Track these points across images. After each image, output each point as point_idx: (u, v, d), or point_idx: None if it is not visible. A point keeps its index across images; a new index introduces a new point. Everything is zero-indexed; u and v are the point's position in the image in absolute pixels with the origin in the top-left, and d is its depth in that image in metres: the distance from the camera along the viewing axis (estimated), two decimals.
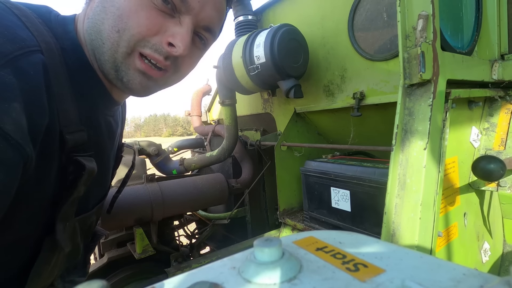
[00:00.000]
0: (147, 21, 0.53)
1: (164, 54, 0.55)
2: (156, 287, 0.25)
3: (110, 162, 0.76)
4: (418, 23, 0.57)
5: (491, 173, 0.63)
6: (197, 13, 0.56)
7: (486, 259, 0.84)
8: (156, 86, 0.61)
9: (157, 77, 0.58)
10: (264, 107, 1.78)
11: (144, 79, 0.58)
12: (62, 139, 0.52)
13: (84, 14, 0.58)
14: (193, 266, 1.37)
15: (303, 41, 1.36)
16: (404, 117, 0.62)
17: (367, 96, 1.20)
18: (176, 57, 0.57)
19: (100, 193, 0.76)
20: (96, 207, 0.71)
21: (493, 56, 0.84)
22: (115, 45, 0.53)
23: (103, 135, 0.67)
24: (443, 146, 0.60)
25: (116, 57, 0.55)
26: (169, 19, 0.55)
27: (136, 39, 0.53)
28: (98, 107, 0.64)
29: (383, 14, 1.11)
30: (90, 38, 0.56)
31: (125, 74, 0.56)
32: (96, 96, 0.62)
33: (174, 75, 0.62)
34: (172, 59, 0.57)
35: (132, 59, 0.55)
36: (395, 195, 0.60)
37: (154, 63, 0.56)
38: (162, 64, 0.56)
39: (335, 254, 0.27)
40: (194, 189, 1.52)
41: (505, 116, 0.80)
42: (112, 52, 0.54)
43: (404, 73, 0.61)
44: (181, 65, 0.61)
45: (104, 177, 0.75)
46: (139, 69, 0.56)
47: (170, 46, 0.55)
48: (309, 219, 1.30)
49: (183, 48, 0.55)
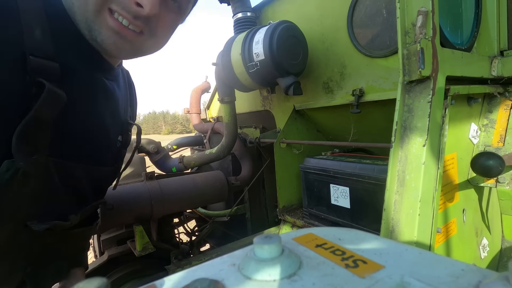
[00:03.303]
0: None
1: (133, 13, 0.56)
2: (157, 284, 0.25)
3: (106, 124, 0.73)
4: (418, 20, 0.57)
5: (490, 170, 0.64)
6: None
7: (485, 255, 0.84)
8: (132, 49, 0.61)
9: (131, 38, 0.59)
10: (263, 104, 1.78)
11: (118, 39, 0.58)
12: (24, 59, 0.51)
13: None
14: (193, 263, 1.37)
15: (302, 38, 1.35)
16: (403, 114, 0.62)
17: (366, 93, 1.20)
18: (147, 18, 0.58)
19: (94, 152, 0.70)
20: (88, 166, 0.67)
21: (492, 52, 0.83)
22: (84, 4, 0.55)
23: (93, 91, 0.66)
24: (442, 143, 0.60)
25: (87, 16, 0.56)
26: None
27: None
28: (88, 64, 0.64)
29: (383, 10, 1.10)
30: (64, 1, 0.57)
31: (99, 33, 0.57)
32: (81, 52, 0.61)
33: (150, 39, 0.62)
34: (143, 20, 0.58)
35: (103, 17, 0.56)
36: (394, 191, 0.60)
37: (126, 24, 0.57)
38: (133, 23, 0.57)
39: (335, 251, 0.27)
40: (193, 187, 1.52)
41: (504, 113, 0.80)
42: (82, 11, 0.56)
43: (403, 70, 0.61)
44: (155, 28, 0.61)
45: (97, 135, 0.70)
46: (112, 27, 0.57)
47: (137, 6, 0.55)
48: (309, 216, 1.31)
49: (150, 8, 0.55)
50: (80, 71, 0.62)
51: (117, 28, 0.57)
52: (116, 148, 0.79)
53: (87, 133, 0.65)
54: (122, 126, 0.81)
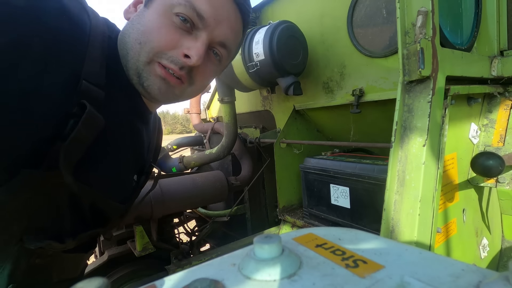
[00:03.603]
0: (166, 37, 0.61)
1: (180, 64, 0.62)
2: (157, 284, 0.25)
3: (128, 161, 0.76)
4: (418, 20, 0.57)
5: (490, 169, 0.64)
6: (213, 29, 0.64)
7: (485, 255, 0.84)
8: (174, 95, 0.68)
9: (174, 84, 0.65)
10: (263, 105, 1.78)
11: (163, 85, 0.64)
12: (78, 81, 0.56)
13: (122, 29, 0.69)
14: (193, 263, 1.37)
15: (302, 38, 1.35)
16: (403, 114, 0.62)
17: (366, 93, 1.20)
18: (191, 68, 0.64)
19: (110, 184, 0.72)
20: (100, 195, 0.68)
21: (492, 52, 0.83)
22: (137, 55, 0.62)
23: (125, 125, 0.71)
24: (442, 143, 0.60)
25: (138, 65, 0.63)
26: (187, 35, 0.62)
27: (155, 51, 0.61)
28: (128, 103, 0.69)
29: (383, 10, 1.10)
30: (119, 48, 0.65)
31: (146, 79, 0.64)
32: (125, 92, 0.67)
33: (190, 87, 0.68)
34: (186, 69, 0.64)
35: (152, 67, 0.63)
36: (394, 191, 0.60)
37: (172, 72, 0.63)
38: (177, 73, 0.63)
39: (335, 251, 0.27)
40: (193, 187, 1.52)
41: (504, 113, 0.80)
42: (134, 61, 0.63)
43: (403, 70, 0.61)
44: (195, 77, 0.68)
45: (117, 168, 0.72)
46: (159, 75, 0.63)
47: (185, 57, 0.62)
48: (309, 216, 1.31)
49: (197, 59, 0.62)
50: (119, 105, 0.67)
51: (163, 75, 0.63)
52: (131, 187, 0.82)
53: (109, 163, 0.68)
54: (143, 168, 0.84)
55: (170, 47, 0.62)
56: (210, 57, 0.68)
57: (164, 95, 0.66)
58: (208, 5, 0.62)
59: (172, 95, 0.67)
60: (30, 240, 0.58)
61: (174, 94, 0.67)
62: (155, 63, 0.62)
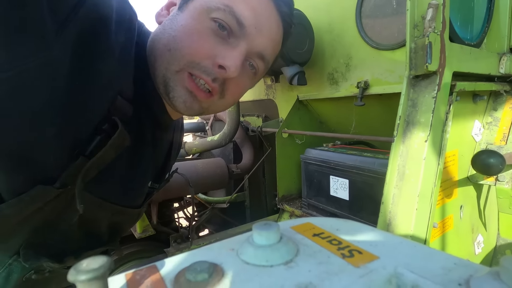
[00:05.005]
0: (199, 44, 0.55)
1: (213, 75, 0.57)
2: (157, 265, 0.26)
3: (147, 170, 0.73)
4: (428, 12, 0.56)
5: (490, 167, 0.64)
6: (253, 38, 0.57)
7: (479, 251, 0.85)
8: (200, 108, 0.61)
9: (201, 98, 0.59)
10: (266, 93, 1.77)
11: (189, 98, 0.58)
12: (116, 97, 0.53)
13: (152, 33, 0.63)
14: (192, 247, 1.40)
15: (309, 27, 1.33)
16: (407, 108, 0.61)
17: (371, 85, 1.19)
18: (224, 80, 0.59)
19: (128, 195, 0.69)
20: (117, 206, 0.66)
21: (502, 49, 0.82)
22: (165, 63, 0.56)
23: (146, 136, 0.66)
24: (444, 139, 0.60)
25: (166, 74, 0.57)
26: (223, 44, 0.56)
27: (187, 60, 0.55)
28: (152, 112, 0.65)
29: (392, 1, 1.08)
30: (148, 54, 0.60)
31: (172, 89, 0.58)
32: (149, 101, 0.63)
33: (219, 101, 0.63)
34: (219, 81, 0.58)
35: (182, 77, 0.57)
36: (393, 185, 0.61)
37: (203, 83, 0.57)
38: (210, 85, 0.57)
39: (331, 240, 0.28)
40: (194, 173, 1.53)
41: (509, 111, 0.80)
42: (162, 69, 0.57)
43: (410, 64, 0.61)
44: (227, 90, 0.61)
45: (136, 179, 0.70)
46: (186, 87, 0.57)
47: (220, 68, 0.56)
48: (307, 206, 1.32)
49: (233, 70, 0.56)
50: (143, 119, 0.63)
51: (191, 88, 0.57)
52: (146, 193, 0.79)
53: (128, 176, 0.65)
54: (160, 174, 0.82)
55: (204, 55, 0.55)
56: (246, 69, 0.62)
57: (189, 108, 0.60)
58: (250, 12, 0.56)
59: (198, 109, 0.61)
60: (28, 255, 0.55)
61: (200, 107, 0.61)
62: (185, 73, 0.56)
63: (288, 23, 0.65)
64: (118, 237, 0.80)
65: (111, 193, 0.63)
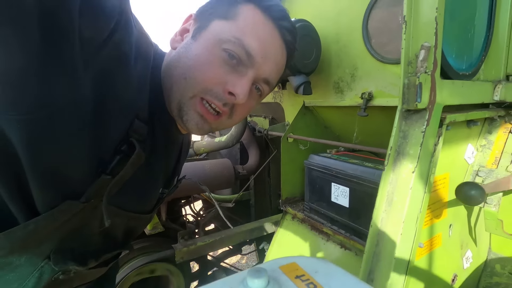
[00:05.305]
0: (212, 74, 0.60)
1: (224, 101, 0.62)
2: None
3: (159, 180, 0.79)
4: (420, 53, 0.60)
5: (471, 199, 0.68)
6: (259, 66, 0.63)
7: (467, 266, 0.90)
8: (209, 128, 0.68)
9: (211, 121, 0.65)
10: (274, 97, 1.81)
11: (200, 121, 0.65)
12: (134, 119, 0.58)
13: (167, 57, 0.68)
14: (198, 244, 1.48)
15: (316, 37, 1.36)
16: (398, 140, 0.66)
17: (375, 97, 1.22)
18: (233, 104, 0.64)
19: (142, 203, 0.76)
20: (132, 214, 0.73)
21: (498, 76, 0.84)
22: (181, 89, 0.62)
23: (158, 150, 0.72)
24: (431, 169, 0.65)
25: (181, 100, 0.63)
26: (233, 72, 0.61)
27: (200, 88, 0.61)
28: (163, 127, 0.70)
29: (398, 17, 1.10)
30: (164, 79, 0.65)
31: (185, 113, 0.64)
32: (162, 120, 0.68)
33: (227, 121, 0.69)
34: (229, 106, 0.64)
35: (194, 102, 0.63)
36: (382, 210, 0.66)
37: (214, 107, 0.63)
38: (221, 109, 0.63)
39: (309, 284, 0.34)
40: (202, 173, 1.61)
41: (503, 135, 0.83)
42: (178, 95, 0.63)
43: (403, 98, 0.65)
44: (235, 111, 0.68)
45: (149, 189, 0.76)
46: (198, 111, 0.63)
47: (230, 94, 0.61)
48: (309, 210, 1.38)
49: (241, 98, 0.61)
50: (157, 137, 0.68)
51: (202, 112, 0.63)
52: (158, 198, 0.85)
53: (142, 185, 0.71)
54: (170, 182, 0.88)
55: (216, 83, 0.61)
56: (252, 92, 0.67)
57: (200, 129, 0.67)
58: (257, 43, 0.61)
59: (208, 129, 0.68)
60: (57, 260, 0.62)
61: (210, 127, 0.68)
62: (197, 98, 0.62)
63: (291, 49, 0.71)
64: (132, 239, 0.89)
65: (126, 202, 0.71)
